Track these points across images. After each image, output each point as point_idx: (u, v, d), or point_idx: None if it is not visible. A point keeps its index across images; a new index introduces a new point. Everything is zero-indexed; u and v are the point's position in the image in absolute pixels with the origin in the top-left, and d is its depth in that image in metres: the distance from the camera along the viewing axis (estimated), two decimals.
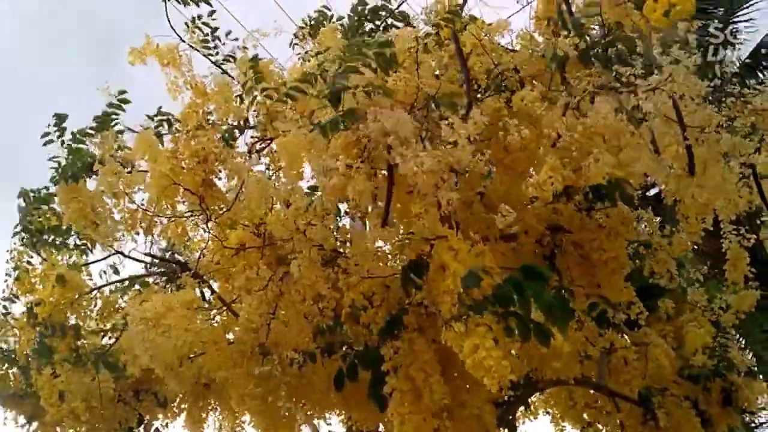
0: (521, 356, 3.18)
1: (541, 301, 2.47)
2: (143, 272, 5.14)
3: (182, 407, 4.82)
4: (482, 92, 3.22)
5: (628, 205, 3.35)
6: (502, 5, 3.88)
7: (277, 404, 3.84)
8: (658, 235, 3.93)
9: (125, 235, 3.84)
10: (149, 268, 5.03)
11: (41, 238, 4.80)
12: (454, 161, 2.66)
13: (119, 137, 3.85)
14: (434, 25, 3.39)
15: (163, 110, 4.04)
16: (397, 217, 3.30)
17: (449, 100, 3.10)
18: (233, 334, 3.84)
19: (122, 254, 4.42)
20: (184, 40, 4.04)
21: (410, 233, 3.14)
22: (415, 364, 3.07)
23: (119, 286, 5.10)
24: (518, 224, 3.45)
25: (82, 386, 4.27)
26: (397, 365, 3.12)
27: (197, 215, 3.79)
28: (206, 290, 4.52)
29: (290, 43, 4.46)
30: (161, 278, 5.19)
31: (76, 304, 4.49)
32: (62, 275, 4.42)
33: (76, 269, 4.65)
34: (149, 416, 5.14)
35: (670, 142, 3.08)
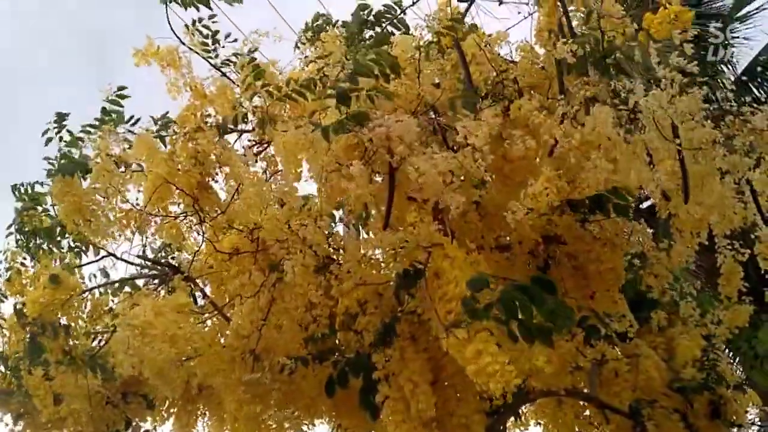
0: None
1: (545, 306, 2.46)
2: (135, 275, 5.11)
3: (171, 411, 4.79)
4: (480, 101, 3.22)
5: (623, 216, 3.36)
6: (503, 16, 3.90)
7: (263, 412, 3.82)
8: (653, 247, 3.94)
9: (119, 235, 3.81)
10: (141, 270, 4.99)
11: (35, 239, 4.79)
12: (468, 164, 2.65)
13: (120, 136, 3.82)
14: (436, 32, 3.40)
15: (163, 113, 4.03)
16: (392, 224, 3.30)
17: (466, 101, 3.10)
18: (224, 339, 3.82)
19: (114, 256, 4.41)
20: (183, 42, 4.03)
21: (405, 241, 3.13)
22: (404, 373, 3.06)
23: (110, 288, 5.08)
24: (513, 234, 3.46)
25: (77, 388, 4.25)
26: (388, 373, 3.11)
27: (191, 215, 3.77)
28: (198, 294, 4.50)
29: (295, 43, 4.46)
30: (153, 281, 5.15)
31: (67, 305, 4.47)
32: (56, 275, 4.40)
33: (69, 270, 4.63)
34: (137, 419, 5.10)
35: (664, 156, 3.09)
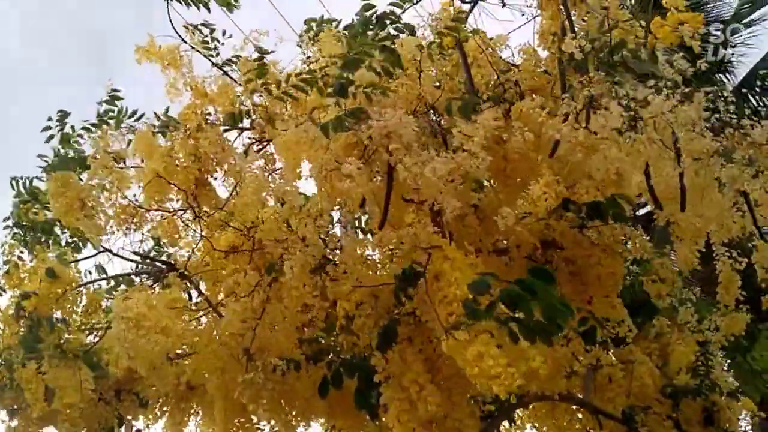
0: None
1: (546, 300, 2.43)
2: (131, 271, 5.10)
3: (164, 410, 4.78)
4: (482, 103, 3.21)
5: (621, 223, 3.36)
6: (506, 18, 3.90)
7: (251, 414, 3.82)
8: (656, 254, 3.94)
9: (115, 231, 3.80)
10: (137, 267, 4.98)
11: (32, 233, 4.78)
12: (466, 167, 2.64)
13: (119, 133, 3.81)
14: (438, 33, 3.39)
15: (163, 111, 4.03)
16: (389, 224, 3.29)
17: (463, 105, 3.09)
18: (217, 337, 3.81)
19: (111, 252, 4.40)
20: (185, 40, 4.02)
21: (401, 242, 3.12)
22: (407, 374, 3.05)
23: (105, 284, 5.07)
24: (511, 239, 3.46)
25: (69, 383, 4.23)
26: (389, 375, 3.11)
27: (187, 210, 3.77)
28: (193, 291, 4.48)
29: (298, 42, 4.45)
30: (148, 277, 5.14)
31: (62, 299, 4.46)
32: (52, 269, 4.40)
33: (65, 264, 4.63)
34: (130, 417, 5.08)
35: (665, 165, 3.08)
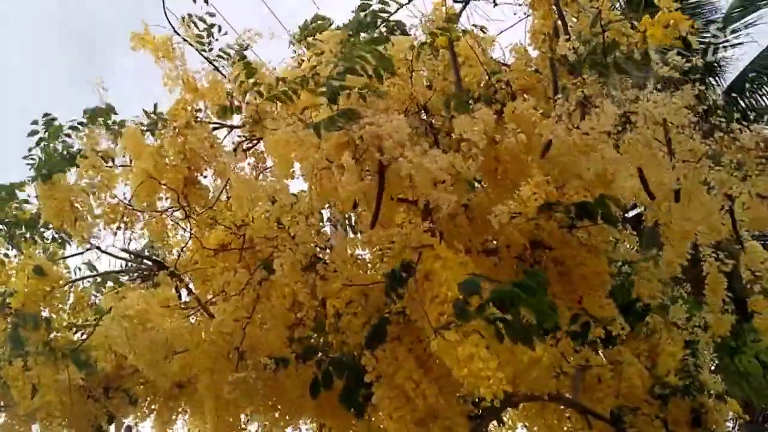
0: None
1: (535, 303, 2.44)
2: (119, 269, 5.08)
3: (152, 407, 4.77)
4: (473, 103, 3.21)
5: (610, 224, 3.37)
6: (498, 18, 3.90)
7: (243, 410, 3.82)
8: (642, 256, 3.95)
9: (104, 229, 3.80)
10: (127, 265, 4.97)
11: (17, 231, 4.75)
12: (459, 165, 2.65)
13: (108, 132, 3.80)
14: (430, 33, 3.40)
15: (153, 107, 4.00)
16: (380, 223, 3.29)
17: (460, 102, 3.09)
18: (207, 336, 3.80)
19: (99, 249, 4.39)
20: (179, 33, 3.99)
21: (392, 241, 3.12)
22: (400, 372, 3.06)
23: (93, 281, 5.05)
24: (500, 239, 3.46)
25: (54, 380, 4.21)
26: (380, 374, 3.11)
27: (178, 209, 3.75)
28: (183, 290, 4.47)
29: (289, 42, 4.45)
30: (137, 276, 5.12)
31: (49, 296, 4.43)
32: (40, 266, 4.37)
33: (52, 261, 4.60)
34: (119, 414, 5.06)
35: (656, 164, 3.09)
